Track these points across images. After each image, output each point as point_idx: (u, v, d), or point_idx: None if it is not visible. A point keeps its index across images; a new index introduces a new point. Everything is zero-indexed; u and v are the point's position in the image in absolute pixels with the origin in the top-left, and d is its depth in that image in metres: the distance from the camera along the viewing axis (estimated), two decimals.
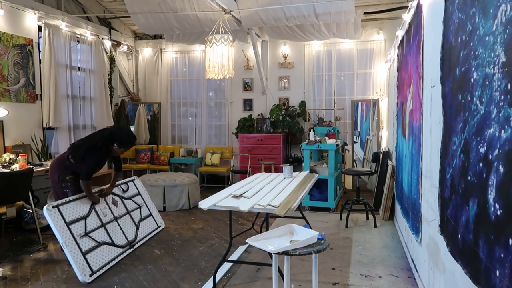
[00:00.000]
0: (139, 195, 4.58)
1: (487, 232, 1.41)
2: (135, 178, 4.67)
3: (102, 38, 7.19)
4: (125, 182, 4.47)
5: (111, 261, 3.64)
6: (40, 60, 5.81)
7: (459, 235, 1.77)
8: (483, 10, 1.49)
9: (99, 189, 4.05)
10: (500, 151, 1.30)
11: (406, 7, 3.67)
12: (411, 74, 3.43)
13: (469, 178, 1.64)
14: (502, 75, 1.28)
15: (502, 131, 1.28)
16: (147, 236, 4.37)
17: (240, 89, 7.85)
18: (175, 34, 7.04)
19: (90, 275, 3.32)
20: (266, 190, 3.48)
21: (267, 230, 2.88)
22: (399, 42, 4.43)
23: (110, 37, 7.46)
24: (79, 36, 6.55)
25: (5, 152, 4.99)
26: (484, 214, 1.44)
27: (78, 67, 6.66)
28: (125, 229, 4.04)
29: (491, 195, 1.37)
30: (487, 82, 1.42)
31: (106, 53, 7.28)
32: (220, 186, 7.30)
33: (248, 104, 7.81)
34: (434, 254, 2.43)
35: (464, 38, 1.75)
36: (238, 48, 7.40)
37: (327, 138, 5.77)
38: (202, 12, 5.92)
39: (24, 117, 5.50)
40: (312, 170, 5.54)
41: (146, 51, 8.37)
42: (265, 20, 5.99)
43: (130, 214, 4.25)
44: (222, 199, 3.15)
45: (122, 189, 4.36)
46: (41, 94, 5.79)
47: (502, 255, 1.26)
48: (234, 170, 7.38)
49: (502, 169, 1.28)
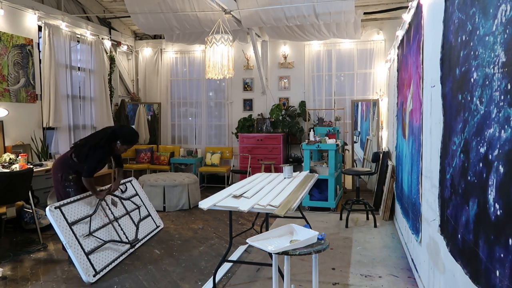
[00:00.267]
0: (137, 196, 4.59)
1: (487, 232, 1.41)
2: (133, 179, 4.68)
3: (102, 38, 7.19)
4: (123, 183, 4.48)
5: (114, 261, 3.64)
6: (40, 60, 5.81)
7: (459, 235, 1.77)
8: (483, 10, 1.49)
9: (101, 189, 4.05)
10: (500, 151, 1.30)
11: (406, 7, 3.67)
12: (411, 74, 3.43)
13: (469, 178, 1.64)
14: (502, 75, 1.28)
15: (502, 131, 1.28)
16: (147, 236, 4.37)
17: (240, 89, 7.85)
18: (175, 34, 7.04)
19: (94, 275, 3.32)
20: (266, 190, 3.48)
21: (267, 230, 2.89)
22: (399, 42, 4.43)
23: (110, 37, 7.46)
24: (79, 36, 6.55)
25: (5, 152, 4.99)
26: (484, 214, 1.44)
27: (78, 67, 6.66)
28: (125, 229, 4.05)
29: (491, 195, 1.37)
30: (487, 82, 1.42)
31: (106, 53, 7.28)
32: (220, 186, 7.30)
33: (248, 104, 7.82)
34: (434, 254, 2.43)
35: (464, 38, 1.75)
36: (238, 48, 7.40)
37: (327, 138, 5.77)
38: (202, 12, 5.92)
39: (24, 117, 5.50)
40: (312, 170, 5.54)
41: (146, 51, 8.37)
42: (265, 20, 5.99)
43: (129, 214, 4.25)
44: (222, 199, 3.15)
45: (121, 189, 4.36)
46: (41, 94, 5.79)
47: (502, 255, 1.26)
48: (234, 170, 7.38)
49: (502, 169, 1.28)
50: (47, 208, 3.36)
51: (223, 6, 5.19)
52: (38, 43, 5.79)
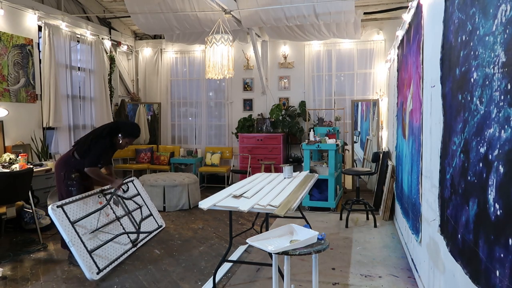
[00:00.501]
0: (139, 196, 4.59)
1: (487, 232, 1.41)
2: (134, 179, 4.68)
3: (102, 38, 7.19)
4: (125, 182, 4.47)
5: (116, 259, 3.64)
6: (40, 60, 5.81)
7: (459, 235, 1.77)
8: (483, 10, 1.49)
9: (100, 189, 4.04)
10: (500, 151, 1.30)
11: (406, 7, 3.67)
12: (411, 74, 3.43)
13: (469, 178, 1.64)
14: (502, 75, 1.28)
15: (502, 131, 1.28)
16: (149, 235, 4.37)
17: (240, 89, 7.85)
18: (175, 34, 7.04)
19: (97, 273, 3.32)
20: (266, 190, 3.48)
21: (267, 230, 2.88)
22: (399, 42, 4.43)
23: (110, 37, 7.46)
24: (79, 36, 6.55)
25: (5, 152, 4.99)
26: (484, 214, 1.44)
27: (78, 67, 6.66)
28: (127, 228, 4.04)
29: (491, 195, 1.37)
30: (487, 82, 1.42)
31: (106, 53, 7.28)
32: (220, 186, 7.30)
33: (248, 104, 7.82)
34: (434, 254, 2.43)
35: (464, 38, 1.75)
36: (238, 48, 7.40)
37: (327, 138, 5.77)
38: (202, 12, 5.92)
39: (24, 117, 5.50)
40: (312, 170, 5.54)
41: (146, 51, 8.37)
42: (265, 20, 5.99)
43: (131, 214, 4.25)
44: (222, 199, 3.15)
45: (123, 189, 4.36)
46: (41, 94, 5.79)
47: (502, 255, 1.26)
48: (234, 170, 7.38)
49: (502, 169, 1.28)
50: (49, 206, 3.34)
51: (223, 6, 5.19)
52: (38, 43, 5.80)
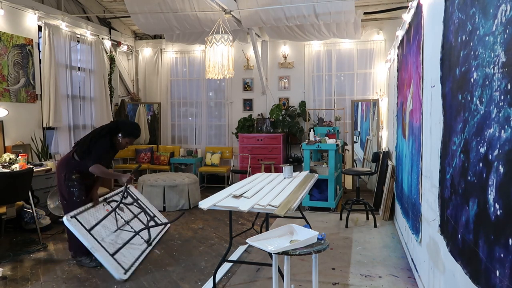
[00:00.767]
0: (138, 201, 4.61)
1: (487, 232, 1.41)
2: (129, 186, 4.65)
3: (102, 38, 7.19)
4: (121, 191, 4.46)
5: (137, 259, 3.70)
6: (40, 60, 5.81)
7: (459, 235, 1.77)
8: (483, 10, 1.49)
9: (104, 197, 4.01)
10: (500, 151, 1.30)
11: (406, 7, 3.67)
12: (411, 74, 3.43)
13: (469, 178, 1.64)
14: (502, 75, 1.28)
15: (502, 131, 1.28)
16: (159, 235, 4.37)
17: (240, 89, 7.85)
18: (175, 34, 7.04)
19: (125, 273, 3.38)
20: (266, 190, 3.48)
21: (267, 230, 2.88)
22: (399, 42, 4.43)
23: (110, 37, 7.46)
24: (79, 36, 6.55)
25: (5, 152, 4.99)
26: (484, 214, 1.44)
27: (78, 67, 6.66)
28: (138, 230, 4.05)
29: (491, 195, 1.37)
30: (487, 82, 1.42)
31: (106, 53, 7.28)
32: (220, 186, 7.30)
33: (248, 104, 7.82)
34: (434, 254, 2.43)
35: (464, 38, 1.75)
36: (238, 48, 7.40)
37: (327, 138, 5.77)
38: (202, 12, 5.92)
39: (24, 117, 5.50)
40: (312, 170, 5.54)
41: (146, 51, 8.37)
42: (265, 20, 5.99)
43: (137, 217, 4.26)
44: (222, 199, 3.15)
45: (123, 196, 4.33)
46: (41, 94, 5.79)
47: (502, 255, 1.26)
48: (234, 170, 7.38)
49: (502, 169, 1.28)
50: (64, 218, 3.41)
51: (223, 6, 5.19)
52: (38, 43, 5.80)
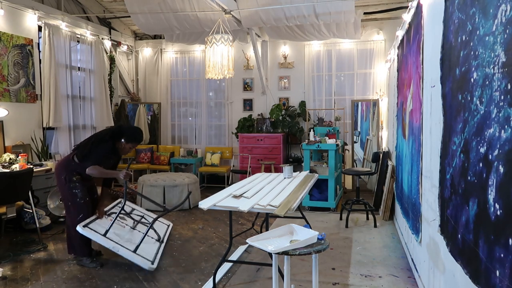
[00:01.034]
0: (136, 209, 4.62)
1: (487, 232, 1.41)
2: (122, 200, 4.65)
3: (102, 38, 7.19)
4: (115, 205, 4.46)
5: (156, 254, 3.78)
6: (40, 60, 5.81)
7: (459, 235, 1.77)
8: (483, 10, 1.49)
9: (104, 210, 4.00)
10: (500, 151, 1.30)
11: (406, 7, 3.67)
12: (411, 74, 3.43)
13: (469, 178, 1.64)
14: (502, 75, 1.28)
15: (502, 131, 1.28)
16: (166, 234, 4.38)
17: (240, 89, 7.85)
18: (175, 34, 7.04)
19: (152, 263, 3.51)
20: (266, 190, 3.48)
21: (267, 230, 2.88)
22: (399, 42, 4.43)
23: (110, 37, 7.46)
24: (79, 36, 6.55)
25: (5, 152, 4.99)
26: (484, 214, 1.44)
27: (78, 67, 6.66)
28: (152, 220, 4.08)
29: (491, 195, 1.37)
30: (487, 82, 1.42)
31: (106, 53, 7.28)
32: (220, 186, 7.30)
33: (248, 104, 7.82)
34: (434, 254, 2.43)
35: (464, 38, 1.75)
36: (238, 48, 7.40)
37: (327, 138, 5.77)
38: (202, 12, 5.92)
39: (24, 117, 5.50)
40: (312, 170, 5.54)
41: (146, 51, 8.37)
42: (265, 20, 5.99)
43: (140, 222, 4.27)
44: (222, 199, 3.15)
45: (123, 209, 4.31)
46: (41, 94, 5.79)
47: (502, 255, 1.26)
48: (234, 170, 7.38)
49: (502, 169, 1.28)
50: (79, 228, 3.48)
51: (223, 6, 5.19)
52: (38, 43, 5.80)
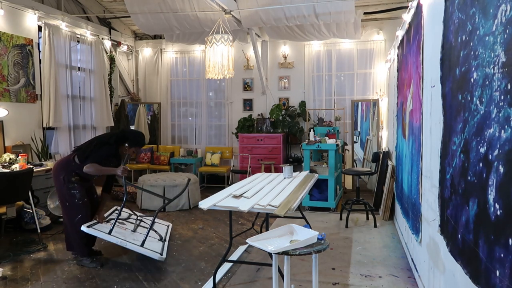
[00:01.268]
0: (133, 214, 4.61)
1: (487, 232, 1.41)
2: (117, 207, 4.64)
3: (102, 38, 7.19)
4: (113, 211, 4.47)
5: (163, 247, 3.86)
6: (40, 60, 5.81)
7: (459, 235, 1.77)
8: (483, 10, 1.49)
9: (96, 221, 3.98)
10: (500, 151, 1.30)
11: (406, 7, 3.67)
12: (411, 74, 3.43)
13: (469, 178, 1.64)
14: (502, 75, 1.28)
15: (502, 131, 1.28)
16: (167, 234, 4.38)
17: (240, 89, 7.85)
18: (175, 34, 7.04)
19: (161, 254, 3.62)
20: (266, 190, 3.48)
21: (267, 230, 2.89)
22: (399, 42, 4.43)
23: (110, 37, 7.46)
24: (79, 36, 6.55)
25: (5, 152, 4.99)
26: (484, 214, 1.44)
27: (78, 67, 6.66)
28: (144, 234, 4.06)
29: (491, 195, 1.37)
30: (487, 82, 1.42)
31: (106, 53, 7.28)
32: (220, 186, 7.30)
33: (248, 104, 7.82)
34: (434, 254, 2.43)
35: (464, 38, 1.75)
36: (238, 48, 7.40)
37: (327, 138, 5.77)
38: (202, 12, 5.92)
39: (24, 117, 5.50)
40: (312, 170, 5.54)
41: (146, 51, 8.37)
42: (265, 20, 5.99)
43: (140, 225, 4.27)
44: (222, 199, 3.15)
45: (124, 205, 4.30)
46: (41, 94, 5.79)
47: (502, 255, 1.26)
48: (234, 170, 7.38)
49: (502, 169, 1.28)
50: (84, 228, 3.53)
51: (223, 6, 5.19)
52: (38, 43, 5.79)
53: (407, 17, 3.63)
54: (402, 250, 4.00)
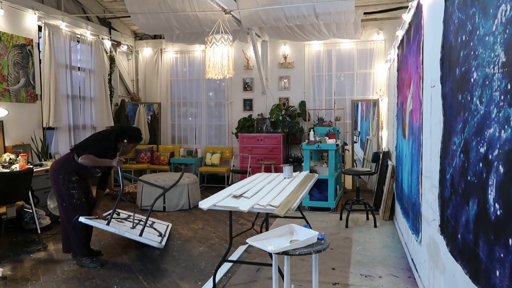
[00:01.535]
0: (132, 215, 4.61)
1: (487, 232, 1.41)
2: (116, 210, 4.61)
3: (102, 38, 7.19)
4: (110, 213, 4.45)
5: (162, 238, 3.95)
6: (40, 60, 5.81)
7: (459, 235, 1.77)
8: (483, 10, 1.49)
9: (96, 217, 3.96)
10: (500, 151, 1.30)
11: (406, 7, 3.67)
12: (411, 74, 3.43)
13: (469, 178, 1.64)
14: (502, 75, 1.28)
15: (502, 131, 1.28)
16: (166, 232, 4.36)
17: (240, 89, 7.85)
18: (175, 34, 7.04)
19: (160, 242, 3.75)
20: (266, 190, 3.48)
21: (267, 230, 2.88)
22: (399, 42, 4.43)
23: (110, 37, 7.46)
24: (79, 36, 6.55)
25: (5, 152, 4.99)
26: (484, 214, 1.44)
27: (78, 67, 6.66)
28: (144, 233, 4.04)
29: (491, 195, 1.37)
30: (487, 82, 1.42)
31: (106, 53, 7.28)
32: (220, 186, 7.30)
33: (248, 104, 7.82)
34: (434, 254, 2.43)
35: (464, 38, 1.75)
36: (238, 48, 7.40)
37: (327, 138, 5.77)
38: (202, 12, 5.92)
39: (24, 117, 5.50)
40: (312, 170, 5.54)
41: (146, 51, 8.37)
42: (265, 20, 5.99)
43: (139, 224, 4.26)
44: (222, 199, 3.15)
45: (120, 197, 4.28)
46: (41, 94, 5.79)
47: (502, 255, 1.26)
48: (234, 170, 7.38)
49: (502, 169, 1.28)
50: (82, 219, 3.57)
51: (223, 6, 5.19)
52: (38, 43, 5.80)
53: (407, 17, 3.63)
54: (402, 250, 4.00)
